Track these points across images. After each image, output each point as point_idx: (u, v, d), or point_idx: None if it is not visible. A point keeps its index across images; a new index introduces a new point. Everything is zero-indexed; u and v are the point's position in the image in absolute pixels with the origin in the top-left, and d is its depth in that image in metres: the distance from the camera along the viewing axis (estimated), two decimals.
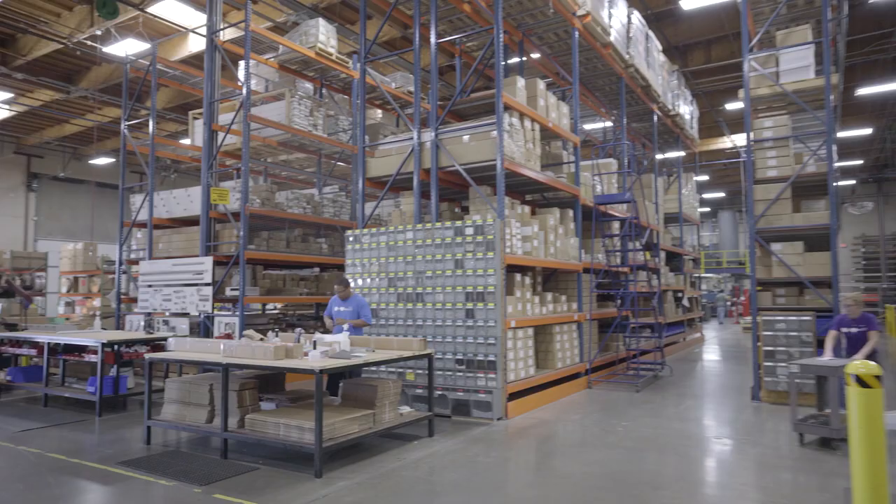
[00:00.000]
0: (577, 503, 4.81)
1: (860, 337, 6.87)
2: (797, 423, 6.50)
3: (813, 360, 6.80)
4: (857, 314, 6.94)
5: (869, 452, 2.50)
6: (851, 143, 24.63)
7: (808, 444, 6.47)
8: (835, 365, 6.24)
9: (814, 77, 9.43)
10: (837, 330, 7.05)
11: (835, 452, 6.17)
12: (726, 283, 36.88)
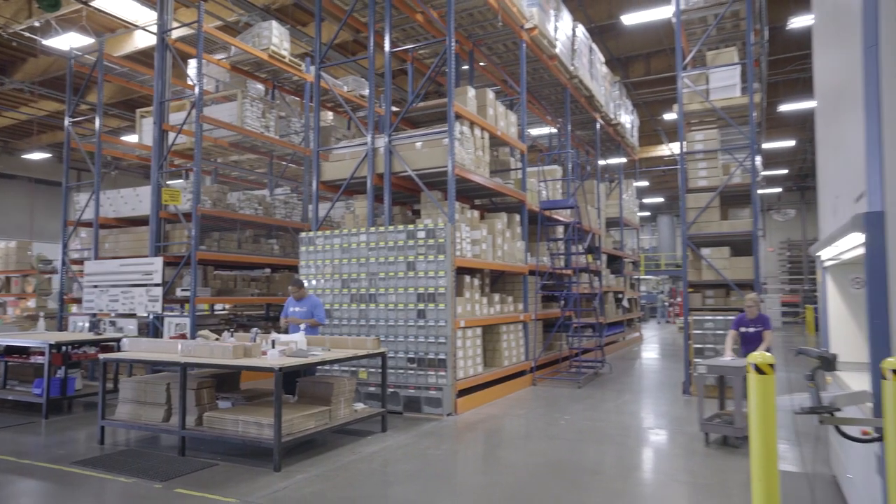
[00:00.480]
0: (522, 488, 5.21)
1: (756, 336, 7.08)
2: (703, 422, 6.59)
3: (717, 360, 6.84)
4: (755, 314, 7.16)
5: (763, 428, 2.97)
6: (776, 154, 26.24)
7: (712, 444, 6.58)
8: (737, 365, 6.34)
9: (740, 95, 10.21)
10: (736, 330, 7.24)
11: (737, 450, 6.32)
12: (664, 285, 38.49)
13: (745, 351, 7.13)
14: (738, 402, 6.33)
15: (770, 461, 2.94)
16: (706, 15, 10.49)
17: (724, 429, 6.51)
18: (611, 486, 5.27)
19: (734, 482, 5.33)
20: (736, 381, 6.33)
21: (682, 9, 10.32)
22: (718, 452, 6.31)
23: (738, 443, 6.49)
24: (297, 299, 7.60)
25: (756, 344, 6.98)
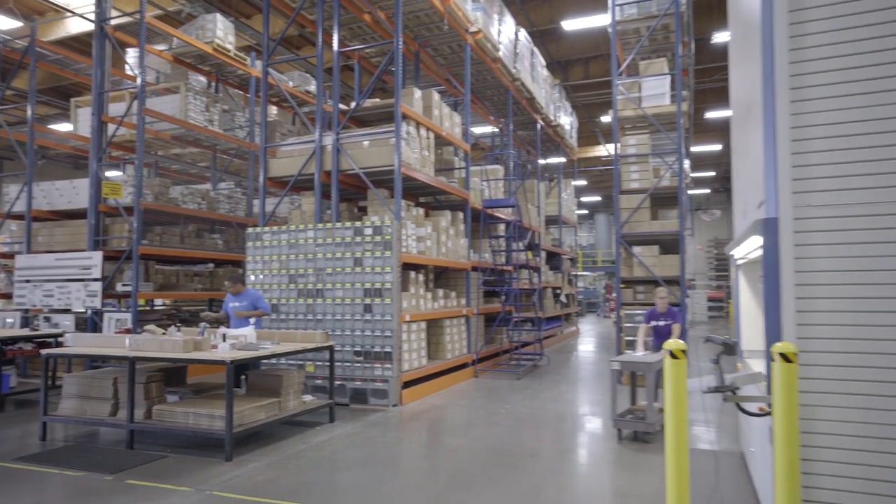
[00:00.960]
0: (465, 470, 5.56)
1: (667, 329, 7.28)
2: (616, 419, 6.57)
3: (629, 356, 6.89)
4: (665, 308, 7.35)
5: (676, 408, 3.41)
6: (704, 157, 27.72)
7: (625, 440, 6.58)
8: (648, 361, 6.37)
9: (669, 103, 10.91)
10: (648, 324, 7.42)
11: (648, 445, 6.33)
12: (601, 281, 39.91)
13: (657, 344, 7.33)
14: (651, 398, 6.29)
15: (681, 438, 3.38)
16: (639, 27, 11.15)
17: (636, 424, 6.49)
18: (547, 467, 5.70)
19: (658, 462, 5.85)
20: (648, 376, 6.33)
21: (618, 20, 10.93)
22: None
23: (650, 438, 6.49)
24: (235, 294, 7.63)
25: (666, 337, 7.17)
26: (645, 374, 6.41)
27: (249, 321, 7.17)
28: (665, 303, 7.41)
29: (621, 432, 6.69)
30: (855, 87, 3.62)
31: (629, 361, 6.52)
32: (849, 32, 3.64)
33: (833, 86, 3.66)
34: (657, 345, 7.29)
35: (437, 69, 12.96)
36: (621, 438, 6.61)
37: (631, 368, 6.62)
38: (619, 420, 6.59)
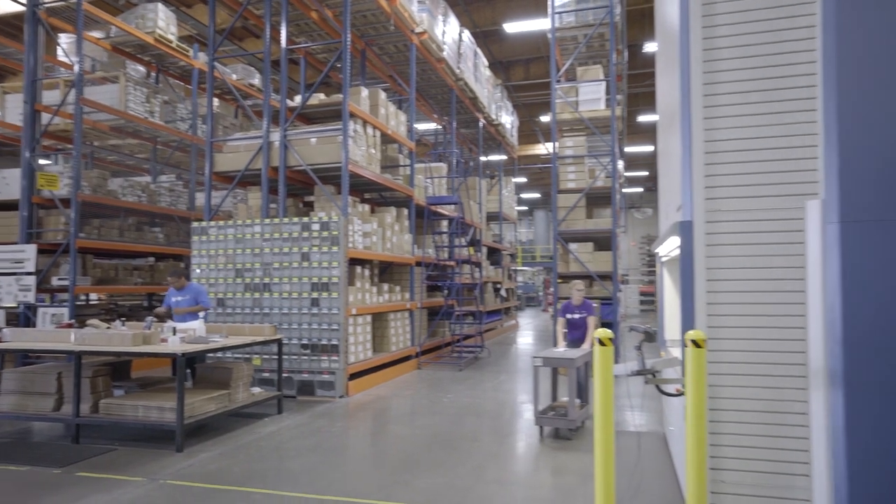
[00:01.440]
0: (411, 455, 5.88)
1: (582, 322, 7.29)
2: (538, 416, 6.45)
3: (551, 351, 6.80)
4: (581, 301, 7.34)
5: (604, 391, 3.83)
6: (637, 157, 28.97)
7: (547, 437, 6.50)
8: (570, 356, 6.33)
9: (604, 108, 11.52)
10: (564, 317, 7.39)
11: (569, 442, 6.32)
12: (539, 276, 41.00)
13: (572, 337, 7.36)
14: (572, 394, 6.25)
15: (608, 418, 3.81)
16: (577, 34, 11.71)
17: (558, 421, 6.40)
18: (488, 450, 6.09)
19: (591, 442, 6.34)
20: (570, 372, 6.30)
21: (557, 27, 11.45)
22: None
23: (571, 434, 6.46)
24: (178, 289, 7.66)
25: (583, 329, 7.24)
26: (567, 370, 6.36)
27: (199, 315, 7.23)
28: (581, 296, 7.39)
29: (543, 430, 6.59)
30: (757, 108, 4.13)
31: (551, 357, 6.43)
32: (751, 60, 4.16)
33: (739, 106, 4.17)
34: (573, 338, 7.32)
35: (383, 67, 13.17)
36: (543, 437, 6.49)
37: (553, 364, 6.51)
38: (541, 417, 6.45)
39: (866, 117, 3.80)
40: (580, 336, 7.31)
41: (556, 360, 6.42)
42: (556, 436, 6.52)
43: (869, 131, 3.79)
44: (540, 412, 6.50)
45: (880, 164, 3.76)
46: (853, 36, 3.83)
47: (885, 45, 3.79)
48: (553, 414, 6.56)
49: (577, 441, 6.34)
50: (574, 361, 6.27)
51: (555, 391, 7.16)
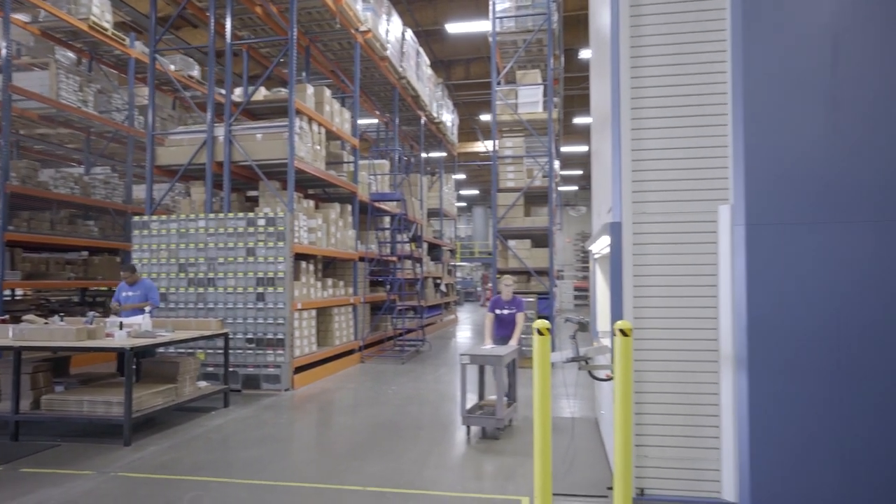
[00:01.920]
0: (359, 443, 6.13)
1: (511, 318, 7.05)
2: (465, 415, 6.18)
3: (479, 349, 6.61)
4: (510, 297, 7.11)
5: (542, 378, 4.22)
6: (572, 157, 29.98)
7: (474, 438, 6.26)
8: (498, 354, 6.17)
9: (542, 111, 12.03)
10: (493, 312, 7.13)
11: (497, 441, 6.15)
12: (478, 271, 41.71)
13: (500, 334, 7.12)
14: (500, 392, 6.08)
15: (545, 403, 4.19)
16: (516, 39, 12.16)
17: (486, 420, 6.18)
18: (431, 437, 6.41)
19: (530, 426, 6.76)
20: (498, 369, 6.11)
21: (497, 31, 11.86)
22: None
23: (499, 434, 6.26)
24: (130, 284, 7.67)
25: (511, 326, 7.03)
26: (495, 368, 6.17)
27: (146, 310, 7.21)
28: (510, 291, 7.18)
29: (469, 430, 6.34)
30: (677, 122, 4.61)
31: (479, 355, 6.23)
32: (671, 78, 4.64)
33: (661, 119, 4.64)
34: (501, 335, 7.11)
35: (326, 63, 13.23)
36: (469, 438, 6.21)
37: (480, 362, 6.28)
38: (468, 417, 6.19)
39: (768, 133, 4.33)
40: (509, 333, 7.09)
41: (484, 358, 6.20)
42: (483, 435, 6.33)
43: (770, 145, 4.33)
44: (467, 411, 6.24)
45: (780, 175, 4.31)
46: (757, 58, 4.36)
47: (785, 66, 4.34)
48: (481, 413, 6.34)
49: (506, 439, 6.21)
50: (502, 359, 6.09)
51: (482, 389, 7.01)
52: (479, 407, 6.62)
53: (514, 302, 7.14)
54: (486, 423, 6.21)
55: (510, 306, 7.12)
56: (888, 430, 4.12)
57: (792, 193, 4.29)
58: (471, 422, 6.22)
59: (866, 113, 4.24)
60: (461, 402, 6.26)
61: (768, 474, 4.23)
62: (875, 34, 4.27)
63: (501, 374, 6.11)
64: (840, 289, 4.22)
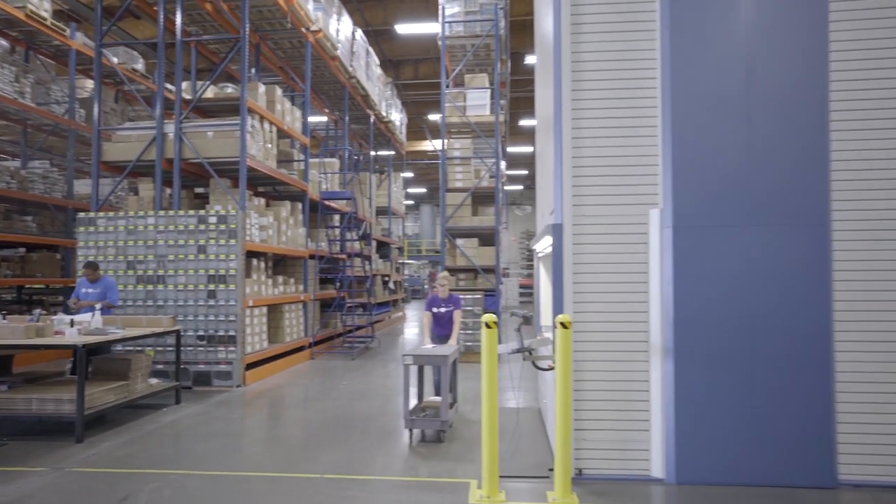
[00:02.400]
0: (313, 435, 6.33)
1: (448, 316, 6.89)
2: (407, 418, 5.96)
3: (422, 349, 6.42)
4: (447, 294, 6.95)
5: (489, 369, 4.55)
6: (518, 157, 30.67)
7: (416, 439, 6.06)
8: (444, 353, 6.03)
9: (489, 114, 12.43)
10: (430, 311, 6.96)
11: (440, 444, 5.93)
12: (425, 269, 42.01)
13: (439, 332, 6.97)
14: (445, 393, 5.93)
15: (492, 392, 4.53)
16: (465, 43, 12.51)
17: (431, 423, 5.98)
18: (383, 427, 6.67)
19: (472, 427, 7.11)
20: (443, 369, 5.98)
21: (447, 35, 12.18)
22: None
23: (443, 437, 6.04)
24: (92, 281, 7.65)
25: (449, 325, 6.89)
26: (440, 368, 6.06)
27: (97, 307, 7.18)
28: (447, 289, 6.99)
29: (412, 433, 6.08)
30: (613, 132, 5.04)
31: (423, 355, 6.06)
32: (607, 92, 5.05)
33: (599, 129, 5.05)
34: (439, 333, 6.97)
35: (276, 60, 13.23)
36: (412, 442, 5.97)
37: (424, 363, 6.10)
38: (410, 420, 5.97)
39: (692, 144, 4.81)
40: (448, 332, 6.94)
41: (429, 359, 6.03)
42: (423, 438, 6.08)
43: (694, 155, 4.80)
44: (409, 413, 6.02)
45: (702, 182, 4.79)
46: (682, 77, 4.83)
47: (706, 85, 4.82)
48: (423, 415, 6.14)
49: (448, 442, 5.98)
50: (447, 359, 5.97)
51: (421, 390, 6.77)
52: (421, 409, 6.40)
53: (451, 300, 6.99)
54: (430, 426, 6.00)
55: (447, 304, 6.96)
56: (791, 408, 4.66)
57: (713, 199, 4.78)
58: (414, 425, 5.99)
59: (776, 127, 4.77)
60: (404, 404, 6.09)
61: (691, 451, 4.71)
62: (783, 58, 4.80)
63: (446, 375, 5.96)
64: (752, 285, 4.73)
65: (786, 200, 4.73)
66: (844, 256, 4.75)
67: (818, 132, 4.73)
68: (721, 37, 4.81)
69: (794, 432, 4.64)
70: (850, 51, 4.82)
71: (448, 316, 6.90)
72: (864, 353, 4.72)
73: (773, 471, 4.64)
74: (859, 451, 4.68)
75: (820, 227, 4.71)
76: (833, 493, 4.53)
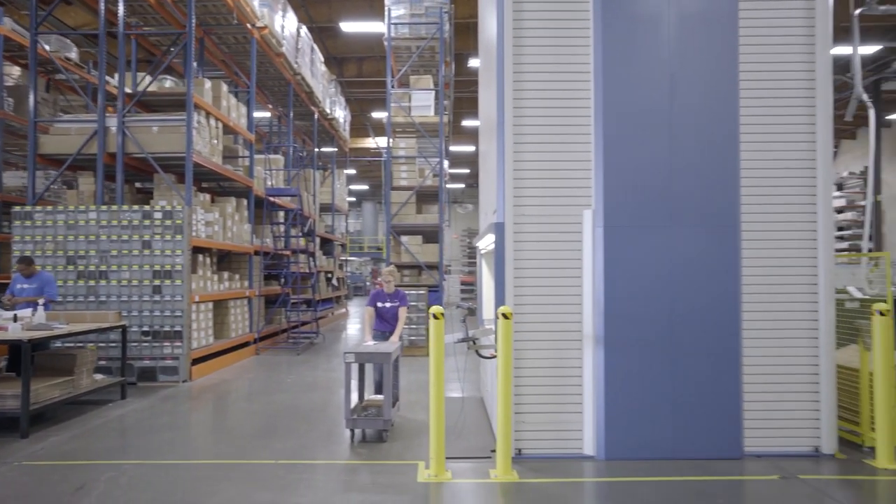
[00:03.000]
0: (265, 425, 6.51)
1: (394, 311, 6.73)
2: (349, 418, 5.78)
3: (364, 346, 6.20)
4: (392, 289, 6.78)
5: (436, 358, 4.89)
6: (461, 156, 31.18)
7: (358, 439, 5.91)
8: (387, 351, 5.88)
9: (433, 114, 12.77)
10: (373, 306, 6.76)
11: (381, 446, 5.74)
12: (367, 266, 41.99)
13: (382, 328, 6.80)
14: (388, 391, 5.79)
15: (439, 378, 4.87)
16: (410, 45, 12.80)
17: (374, 423, 5.84)
18: (333, 418, 6.91)
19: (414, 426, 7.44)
20: (385, 367, 5.85)
21: (392, 36, 12.44)
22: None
23: (386, 436, 5.89)
24: (26, 276, 7.51)
25: (394, 321, 6.73)
26: (383, 366, 5.92)
27: (39, 302, 7.08)
28: (392, 284, 6.80)
29: (354, 433, 5.93)
30: (551, 138, 5.47)
31: (364, 353, 5.89)
32: (546, 101, 5.48)
33: (538, 136, 5.47)
34: (382, 329, 6.80)
35: (220, 54, 13.14)
36: (353, 441, 5.83)
37: (366, 360, 5.91)
38: (352, 419, 5.80)
39: (621, 151, 5.30)
40: (391, 328, 6.78)
41: (371, 356, 5.87)
42: (364, 438, 5.94)
43: (623, 161, 5.29)
44: (350, 412, 5.82)
45: (631, 186, 5.28)
46: (612, 90, 5.31)
47: (635, 98, 5.31)
48: (365, 414, 6.00)
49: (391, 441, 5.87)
50: (390, 356, 5.84)
51: (362, 388, 6.59)
52: (362, 408, 6.19)
53: (398, 295, 6.78)
54: (373, 426, 5.86)
55: (392, 299, 6.76)
56: (705, 390, 5.23)
57: (639, 202, 5.28)
58: (356, 424, 5.84)
59: (695, 138, 5.32)
60: (345, 403, 5.83)
61: (618, 430, 5.20)
62: (701, 78, 5.35)
63: (389, 373, 5.83)
64: (673, 279, 5.27)
65: (703, 204, 5.29)
66: (751, 254, 5.36)
67: (730, 145, 5.32)
68: (647, 56, 5.31)
69: (708, 411, 5.20)
70: (756, 71, 5.43)
71: (393, 311, 6.75)
72: (765, 340, 5.34)
73: (690, 445, 5.19)
74: (761, 426, 5.30)
75: (731, 227, 5.29)
76: (739, 463, 5.12)
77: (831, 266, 5.38)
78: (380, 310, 6.79)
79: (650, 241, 5.27)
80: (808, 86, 5.44)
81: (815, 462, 5.16)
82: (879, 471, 4.98)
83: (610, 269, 5.25)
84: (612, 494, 4.55)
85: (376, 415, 5.92)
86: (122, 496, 4.43)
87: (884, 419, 5.06)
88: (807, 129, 5.44)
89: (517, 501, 4.40)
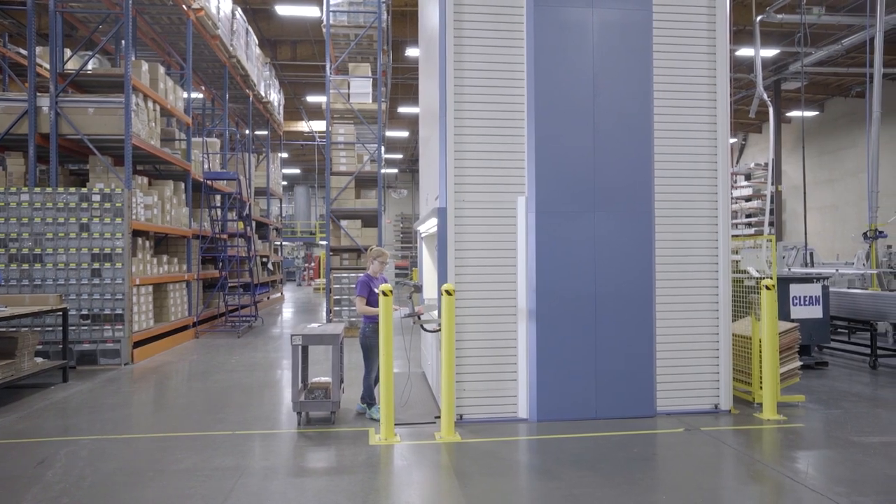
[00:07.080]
0: (217, 401, 6.75)
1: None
2: (296, 401, 5.70)
3: (309, 328, 6.07)
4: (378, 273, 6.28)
5: (385, 335, 5.32)
6: (395, 141, 31.41)
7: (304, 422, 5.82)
8: (334, 333, 5.84)
9: (371, 102, 13.05)
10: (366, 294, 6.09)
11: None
12: (300, 251, 41.58)
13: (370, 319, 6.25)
14: (336, 372, 5.82)
15: (389, 352, 5.31)
16: (349, 33, 12.99)
17: (322, 405, 5.78)
18: (277, 393, 7.22)
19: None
20: (334, 349, 5.88)
21: (331, 23, 12.59)
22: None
23: (335, 418, 5.89)
24: None
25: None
26: (332, 347, 5.94)
27: None
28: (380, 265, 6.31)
29: (301, 417, 5.83)
30: (489, 131, 5.96)
31: (313, 335, 5.78)
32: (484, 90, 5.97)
33: (478, 129, 5.95)
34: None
35: (151, 34, 12.87)
36: (301, 424, 5.75)
37: (314, 342, 5.79)
38: (299, 403, 5.72)
39: (551, 142, 5.85)
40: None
41: (319, 338, 5.78)
42: (308, 421, 5.85)
43: (552, 152, 5.85)
44: (297, 394, 5.73)
45: (559, 175, 5.85)
46: (543, 87, 5.85)
47: (562, 95, 5.87)
48: (313, 397, 5.90)
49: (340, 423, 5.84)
50: (338, 338, 5.82)
51: (305, 371, 6.49)
52: (309, 390, 6.05)
53: (382, 280, 6.34)
54: (322, 408, 5.79)
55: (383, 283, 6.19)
56: (624, 357, 5.91)
57: (567, 189, 5.87)
58: (304, 408, 5.75)
59: (615, 133, 5.95)
60: (293, 385, 5.74)
61: (548, 394, 5.81)
62: (620, 77, 5.97)
63: (338, 354, 5.87)
64: (597, 260, 5.90)
65: (622, 192, 5.94)
66: (663, 237, 6.07)
67: (646, 139, 5.98)
68: (573, 58, 5.88)
69: (626, 376, 5.90)
70: (667, 73, 6.12)
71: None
72: (674, 313, 6.09)
73: (611, 406, 5.87)
74: (671, 388, 6.05)
75: (647, 213, 5.96)
76: (653, 420, 5.84)
77: (728, 249, 6.17)
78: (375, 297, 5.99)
79: (576, 225, 5.88)
80: (710, 83, 6.17)
81: (714, 417, 5.97)
82: (765, 421, 5.84)
83: (541, 250, 5.82)
84: (542, 449, 5.14)
85: (323, 396, 5.87)
86: (86, 467, 4.64)
87: (768, 378, 5.91)
88: (709, 126, 6.18)
89: (460, 457, 4.92)
